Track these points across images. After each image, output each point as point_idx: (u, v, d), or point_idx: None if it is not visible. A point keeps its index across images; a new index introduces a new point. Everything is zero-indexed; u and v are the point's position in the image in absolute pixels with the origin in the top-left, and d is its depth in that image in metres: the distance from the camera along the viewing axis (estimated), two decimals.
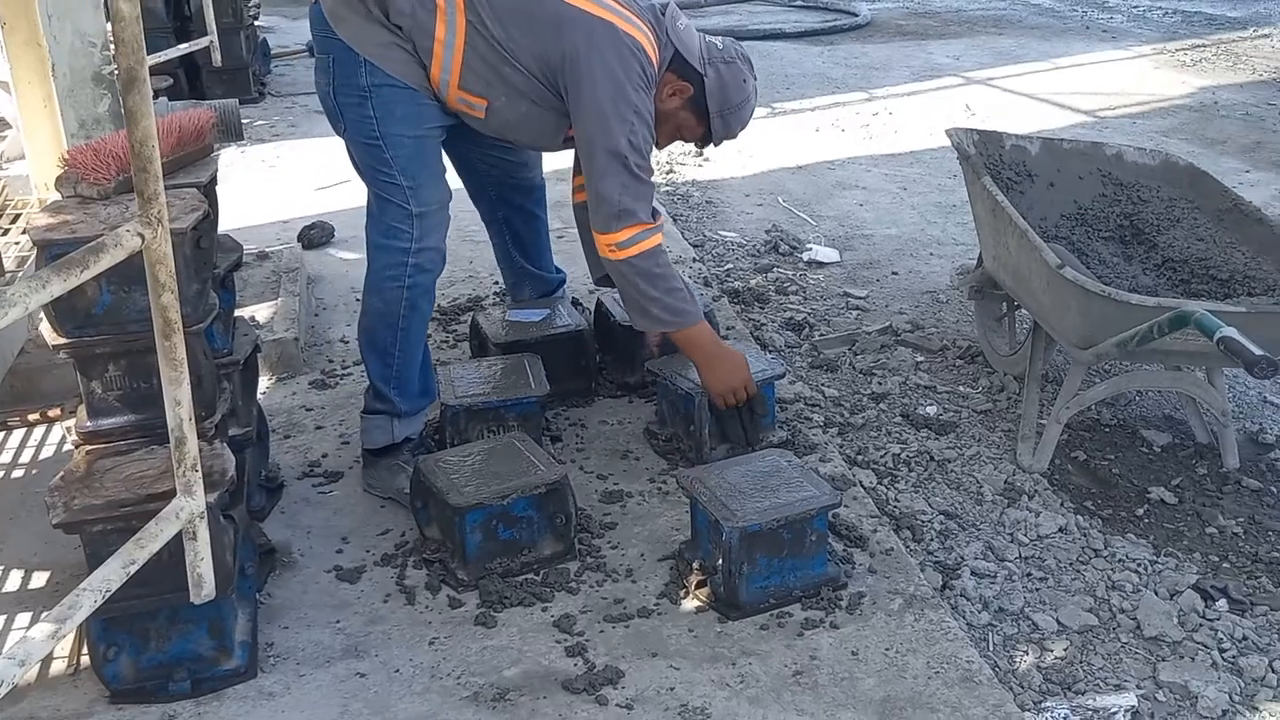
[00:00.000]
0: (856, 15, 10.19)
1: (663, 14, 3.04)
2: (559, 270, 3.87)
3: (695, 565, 2.68)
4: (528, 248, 3.71)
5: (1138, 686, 2.54)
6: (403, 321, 3.05)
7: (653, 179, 2.99)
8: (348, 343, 3.99)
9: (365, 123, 2.91)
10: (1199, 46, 9.10)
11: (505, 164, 3.49)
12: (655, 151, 3.11)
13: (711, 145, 3.24)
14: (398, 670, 2.45)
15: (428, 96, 2.93)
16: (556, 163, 3.81)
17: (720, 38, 3.14)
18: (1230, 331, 2.73)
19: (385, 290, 3.03)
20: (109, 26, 3.41)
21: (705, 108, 3.06)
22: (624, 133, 2.85)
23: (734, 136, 3.18)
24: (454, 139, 3.16)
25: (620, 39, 2.85)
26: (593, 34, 2.83)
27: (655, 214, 3.03)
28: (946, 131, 3.78)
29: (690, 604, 2.64)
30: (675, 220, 5.22)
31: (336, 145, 3.11)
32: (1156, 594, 2.81)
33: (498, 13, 2.84)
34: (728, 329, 3.90)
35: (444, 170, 3.07)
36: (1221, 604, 2.79)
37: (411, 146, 2.94)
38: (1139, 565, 2.93)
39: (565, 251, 4.71)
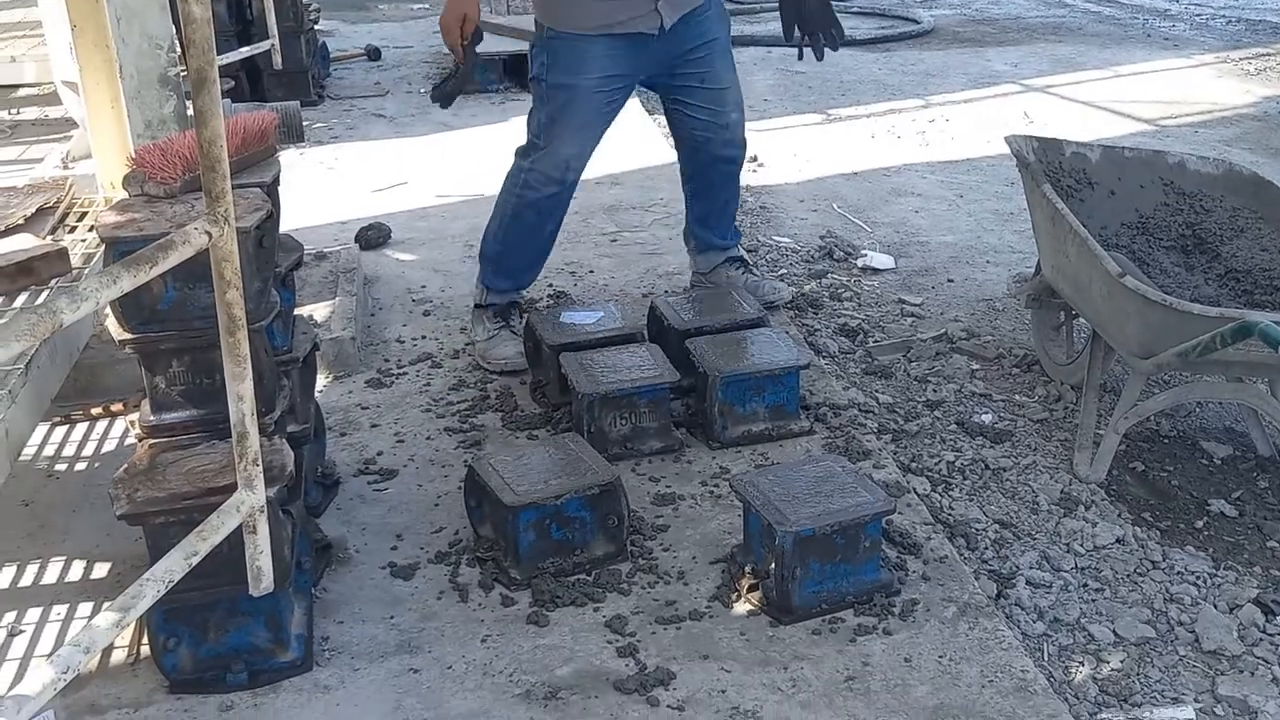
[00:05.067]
0: (919, 22, 10.08)
1: None
2: (732, 235, 4.23)
3: (747, 569, 2.68)
4: (705, 214, 4.09)
5: (1195, 700, 2.50)
6: (505, 220, 3.72)
7: None
8: (403, 342, 4.03)
9: (539, 67, 3.61)
10: (1264, 55, 8.94)
11: (710, 125, 3.83)
12: None
13: None
14: (450, 667, 2.47)
15: (603, 46, 3.50)
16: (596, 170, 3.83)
17: None
18: None
19: (504, 189, 3.73)
20: (174, 29, 3.48)
21: None
22: None
23: None
24: (668, 98, 3.84)
25: None
26: None
27: None
28: (1006, 139, 3.75)
29: (742, 607, 2.64)
30: None
31: (393, 148, 3.16)
32: (1216, 607, 2.77)
33: None
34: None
35: (587, 125, 3.59)
36: None
37: (566, 93, 3.54)
38: (1198, 578, 2.89)
39: (618, 255, 4.74)
